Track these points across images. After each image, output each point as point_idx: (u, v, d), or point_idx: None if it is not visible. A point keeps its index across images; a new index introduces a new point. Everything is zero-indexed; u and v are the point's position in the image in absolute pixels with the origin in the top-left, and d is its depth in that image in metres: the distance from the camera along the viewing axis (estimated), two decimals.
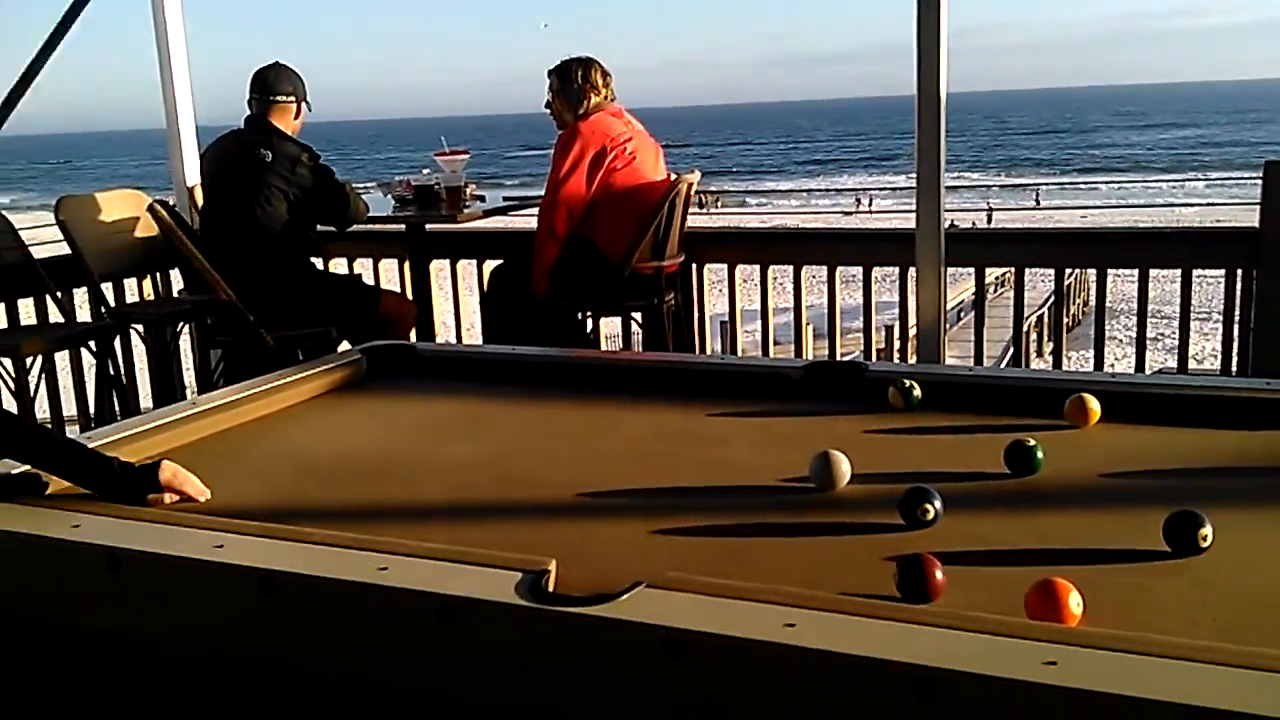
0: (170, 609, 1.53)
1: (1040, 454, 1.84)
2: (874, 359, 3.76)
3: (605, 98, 4.15)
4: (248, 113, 4.06)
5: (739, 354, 4.54)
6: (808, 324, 4.38)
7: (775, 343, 4.51)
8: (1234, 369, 3.82)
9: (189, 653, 1.53)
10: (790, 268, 4.35)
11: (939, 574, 1.38)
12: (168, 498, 1.75)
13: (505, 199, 4.97)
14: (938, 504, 1.62)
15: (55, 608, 1.62)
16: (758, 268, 4.41)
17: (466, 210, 4.37)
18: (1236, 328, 3.86)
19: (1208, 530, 1.49)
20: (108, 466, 1.76)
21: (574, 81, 4.13)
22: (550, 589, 1.35)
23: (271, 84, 4.03)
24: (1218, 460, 1.91)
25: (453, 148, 4.55)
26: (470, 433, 2.30)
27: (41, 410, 4.17)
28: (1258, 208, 3.70)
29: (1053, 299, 15.91)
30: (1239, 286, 3.82)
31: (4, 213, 4.29)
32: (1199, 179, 46.28)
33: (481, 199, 4.68)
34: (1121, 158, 56.83)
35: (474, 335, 4.88)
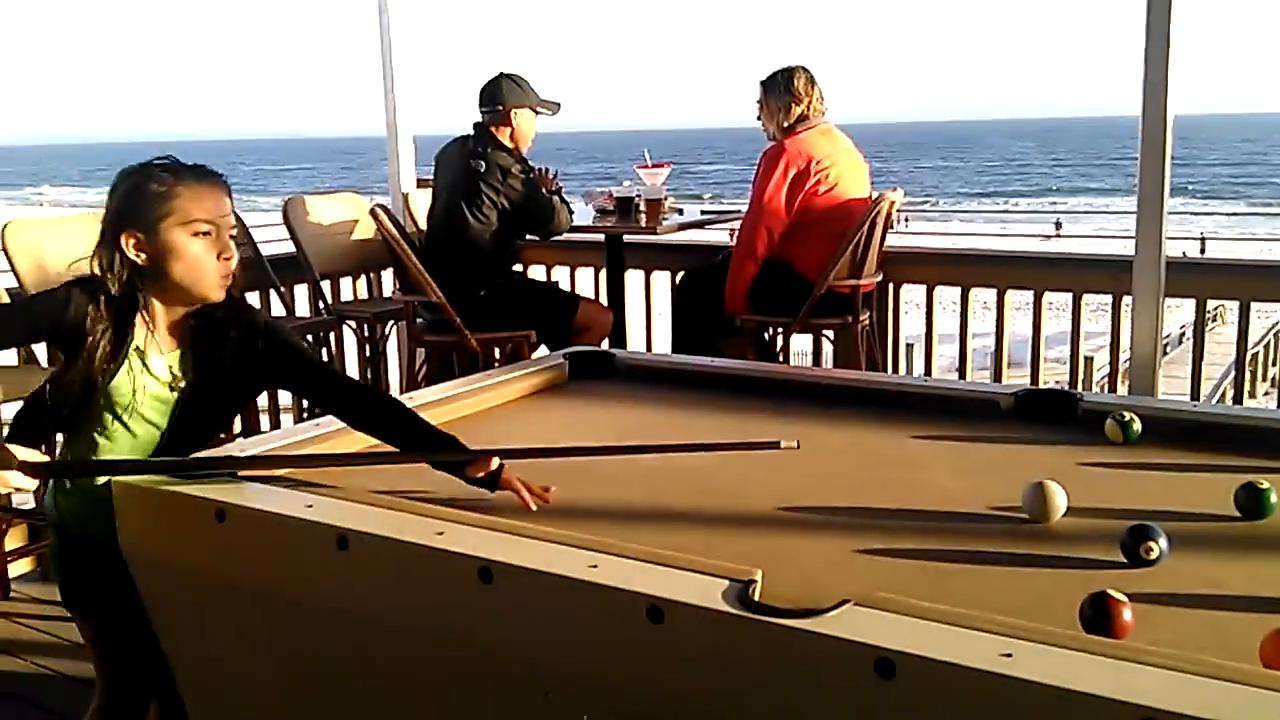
0: (393, 589, 1.62)
1: (1274, 498, 1.73)
2: (1078, 389, 3.61)
3: (811, 108, 4.12)
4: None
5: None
6: (1006, 349, 4.24)
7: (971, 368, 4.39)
8: None
9: (405, 633, 1.62)
10: (990, 291, 4.23)
11: (1127, 614, 1.33)
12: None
13: (703, 213, 5.02)
14: (1163, 542, 1.55)
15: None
16: (949, 289, 4.30)
17: (665, 223, 4.43)
18: None
19: None
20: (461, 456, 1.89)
21: (778, 92, 4.13)
22: (757, 599, 1.36)
23: (488, 96, 4.22)
24: None
25: (655, 160, 4.63)
26: (669, 440, 2.33)
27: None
28: None
29: (1267, 337, 14.85)
30: None
31: (237, 211, 4.60)
32: None
33: (679, 212, 4.74)
34: None
35: (664, 346, 4.94)
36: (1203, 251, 26.05)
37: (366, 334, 4.76)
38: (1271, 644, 1.25)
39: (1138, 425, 2.13)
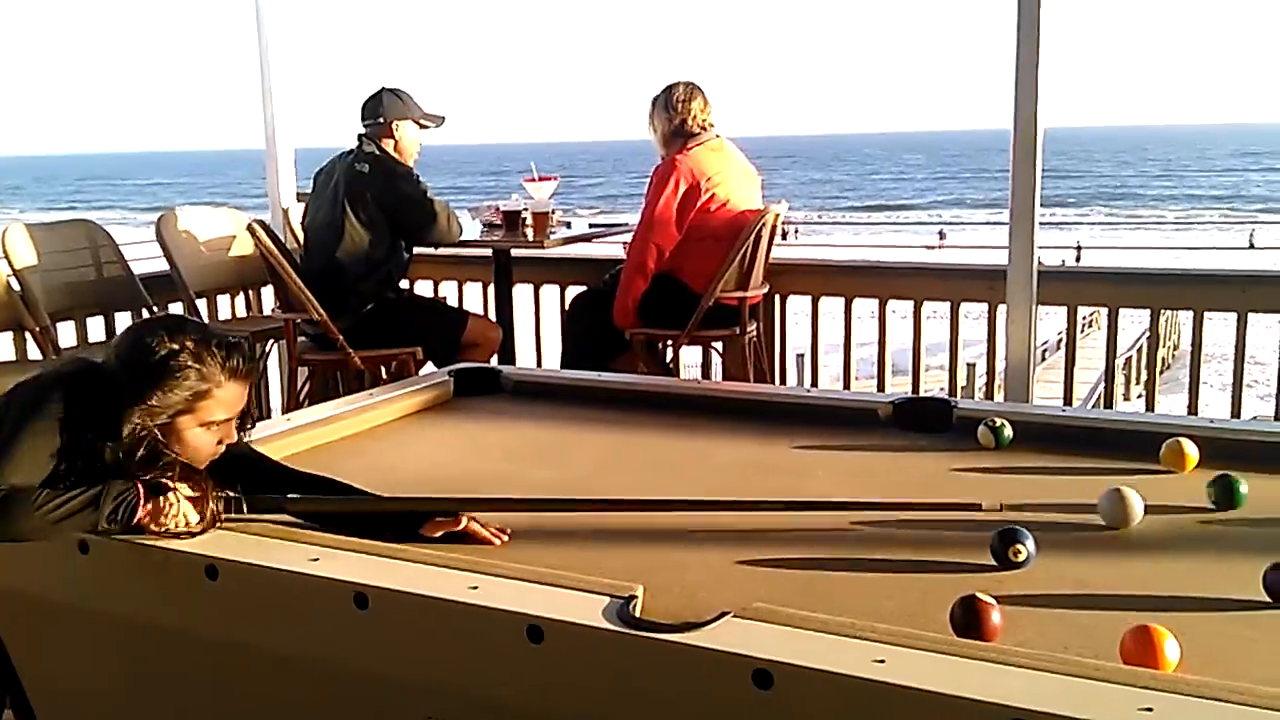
0: (267, 619, 1.57)
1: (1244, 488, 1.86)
2: (958, 396, 3.71)
3: (694, 122, 4.14)
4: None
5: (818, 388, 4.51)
6: (889, 358, 4.34)
7: (856, 377, 4.48)
8: None
9: (280, 661, 1.57)
10: (873, 301, 4.32)
11: (995, 616, 1.37)
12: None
13: (591, 226, 5.03)
14: (1030, 545, 1.60)
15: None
16: (837, 300, 4.38)
17: (553, 236, 4.42)
18: None
19: None
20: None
21: (672, 108, 4.14)
22: (637, 615, 1.36)
23: (370, 109, 4.15)
24: None
25: (542, 174, 4.61)
26: (556, 457, 2.33)
27: None
28: None
29: (1140, 342, 15.43)
30: None
31: (106, 228, 4.45)
32: None
33: (568, 225, 4.74)
34: (1219, 197, 55.34)
35: (554, 360, 4.92)
36: (1078, 260, 27.12)
37: None
38: (1131, 640, 1.30)
39: (1009, 431, 2.19)
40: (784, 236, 4.32)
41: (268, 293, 4.73)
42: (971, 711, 1.14)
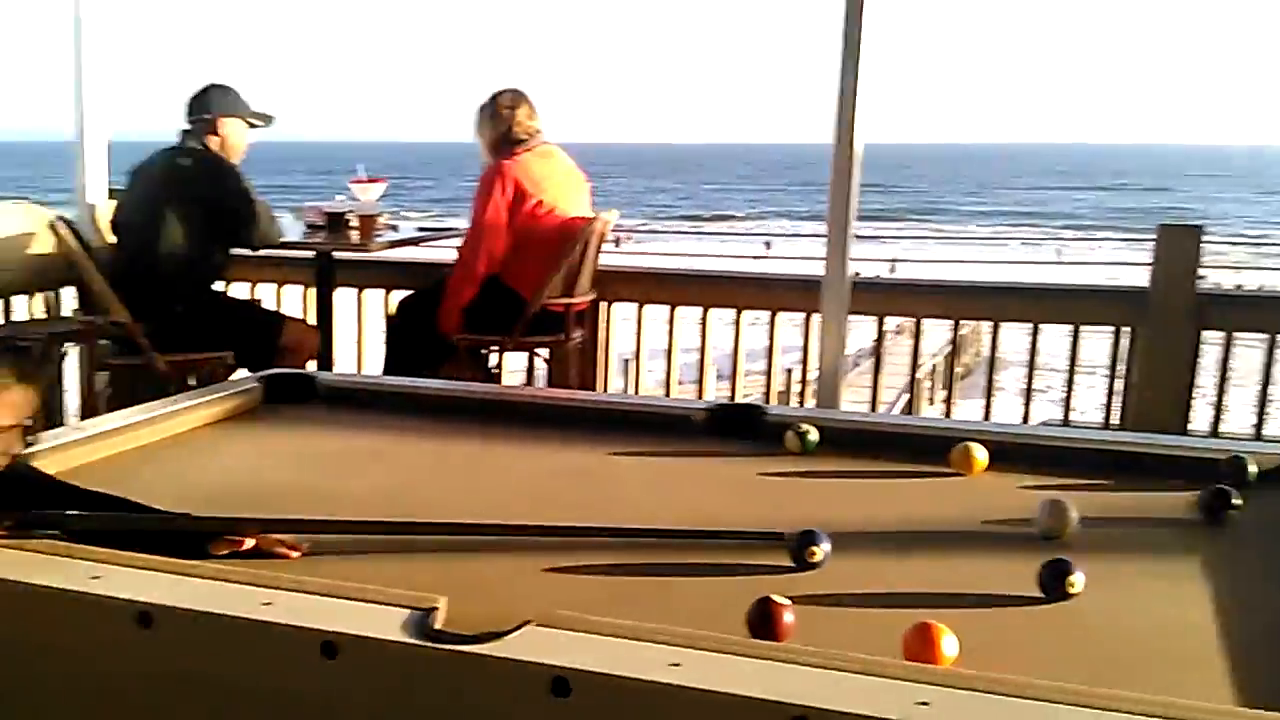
0: (46, 640, 1.48)
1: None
2: (774, 402, 3.82)
3: (519, 129, 4.14)
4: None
5: (640, 393, 4.57)
6: (712, 364, 4.43)
7: (679, 383, 4.56)
8: (1114, 422, 3.96)
9: (53, 685, 1.49)
10: (697, 309, 4.41)
11: (788, 616, 1.41)
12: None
13: (420, 229, 4.96)
14: (825, 546, 1.65)
15: None
16: (663, 307, 4.45)
17: (378, 240, 4.34)
18: (1120, 382, 4.01)
19: (1075, 578, 1.55)
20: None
21: (498, 116, 4.13)
22: (438, 626, 1.34)
23: (197, 105, 4.01)
24: (1094, 510, 1.97)
25: (370, 175, 4.52)
26: (368, 466, 2.28)
27: None
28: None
29: (947, 348, 16.21)
30: (1124, 343, 3.97)
31: None
32: (1106, 239, 47.78)
33: (394, 229, 4.66)
34: (1028, 215, 58.53)
35: (374, 366, 4.83)
36: (893, 272, 28.27)
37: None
38: (911, 637, 1.36)
39: (814, 436, 2.27)
40: (616, 244, 4.36)
41: (68, 293, 4.47)
42: (760, 710, 1.17)
